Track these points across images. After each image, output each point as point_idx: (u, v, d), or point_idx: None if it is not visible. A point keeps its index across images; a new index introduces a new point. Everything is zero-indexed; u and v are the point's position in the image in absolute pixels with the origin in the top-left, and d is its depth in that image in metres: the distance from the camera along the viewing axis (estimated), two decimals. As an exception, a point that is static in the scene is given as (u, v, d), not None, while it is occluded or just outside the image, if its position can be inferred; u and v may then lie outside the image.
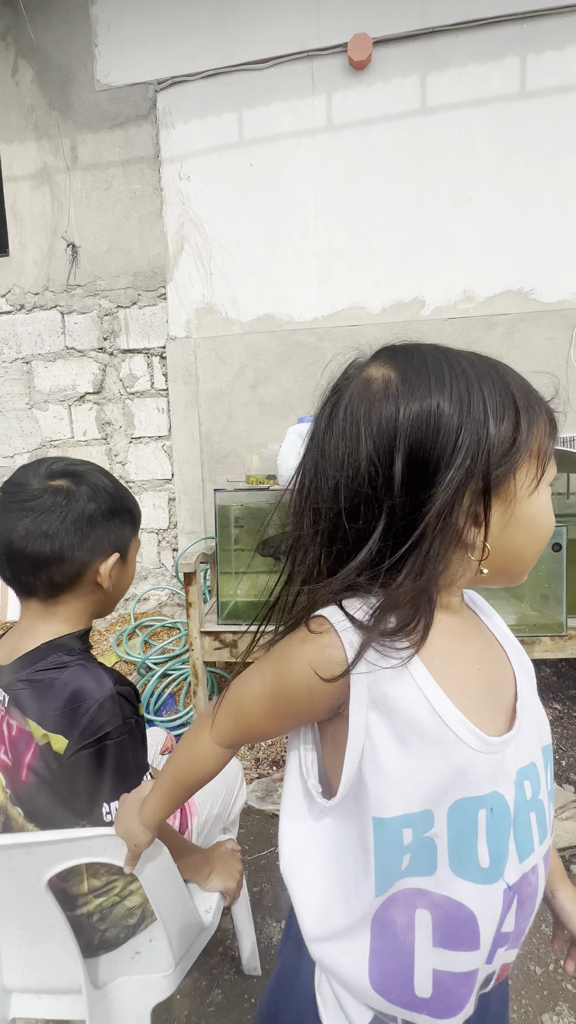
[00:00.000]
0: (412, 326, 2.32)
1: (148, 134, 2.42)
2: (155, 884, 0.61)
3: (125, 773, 0.64)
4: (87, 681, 0.65)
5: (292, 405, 2.43)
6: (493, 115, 2.19)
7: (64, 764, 0.63)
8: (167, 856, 0.61)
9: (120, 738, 0.64)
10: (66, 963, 0.58)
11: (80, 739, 0.62)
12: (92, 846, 0.56)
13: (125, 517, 0.75)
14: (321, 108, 2.28)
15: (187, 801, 0.90)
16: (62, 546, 0.67)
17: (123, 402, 2.64)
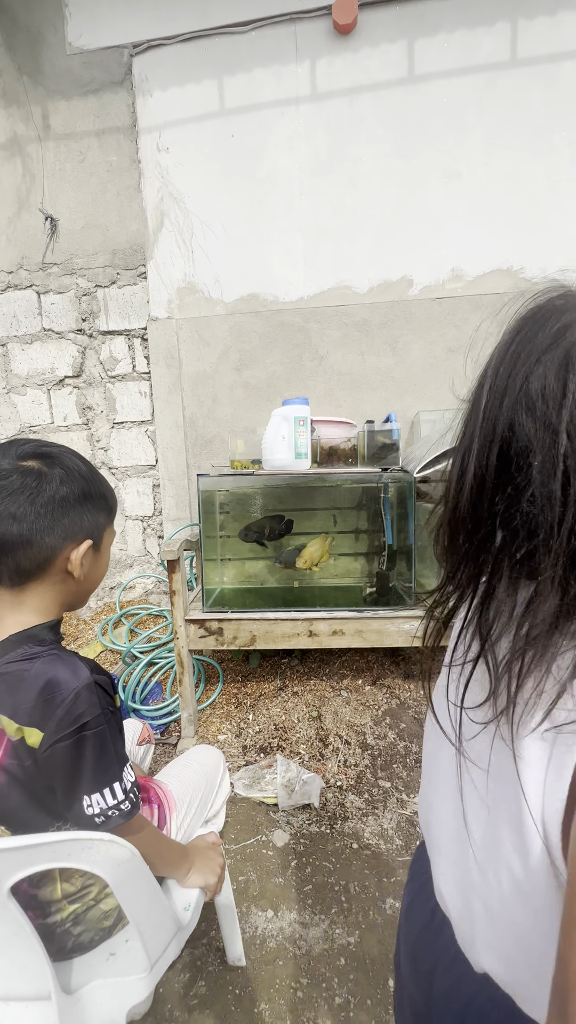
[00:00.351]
0: (400, 306, 2.26)
1: (124, 102, 2.31)
2: (125, 888, 0.58)
3: (105, 764, 0.62)
4: (61, 671, 0.62)
5: (278, 388, 2.38)
6: (483, 84, 2.11)
7: (39, 759, 0.60)
8: (137, 859, 0.58)
9: (99, 728, 0.61)
10: (34, 970, 0.56)
11: (56, 731, 0.59)
12: (55, 851, 0.53)
13: (99, 503, 0.72)
14: (305, 75, 2.18)
15: (166, 795, 0.87)
16: (31, 529, 0.63)
17: (104, 386, 2.56)
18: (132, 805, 0.64)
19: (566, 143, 2.11)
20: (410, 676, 1.96)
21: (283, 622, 1.69)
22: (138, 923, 0.61)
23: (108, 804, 0.62)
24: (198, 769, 0.99)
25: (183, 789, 0.92)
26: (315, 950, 1.04)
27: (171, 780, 0.93)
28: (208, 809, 0.97)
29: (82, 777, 0.61)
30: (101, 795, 0.61)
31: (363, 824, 1.38)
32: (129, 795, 0.64)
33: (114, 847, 0.56)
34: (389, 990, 0.96)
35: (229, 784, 1.09)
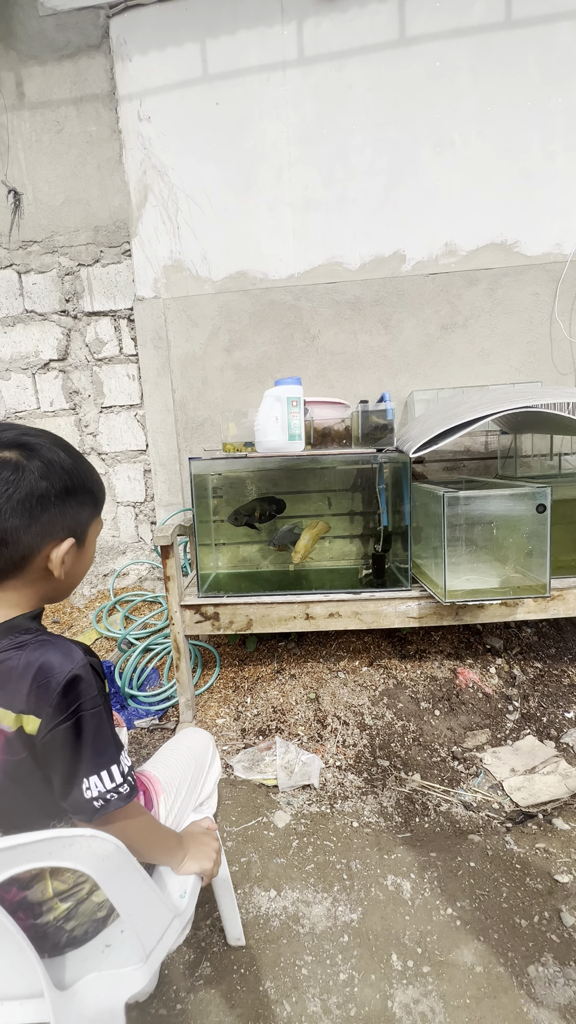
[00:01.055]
0: (392, 283, 2.21)
1: (102, 67, 2.20)
2: (112, 881, 0.57)
3: (103, 746, 0.61)
4: (53, 655, 0.60)
5: (269, 369, 2.33)
6: (476, 48, 2.04)
7: (39, 746, 0.58)
8: (122, 851, 0.56)
9: (95, 709, 0.60)
10: (25, 969, 0.54)
11: (55, 715, 0.58)
12: (35, 851, 0.51)
13: (84, 498, 0.67)
14: (291, 38, 2.08)
15: (151, 782, 0.86)
16: (5, 528, 0.59)
17: (91, 369, 2.49)
18: (131, 788, 0.63)
19: (562, 109, 2.05)
20: (407, 656, 1.97)
21: (279, 605, 1.68)
22: (129, 914, 0.60)
23: (107, 787, 0.61)
24: (186, 752, 0.98)
25: (170, 774, 0.90)
26: (318, 928, 1.05)
27: (157, 767, 0.92)
28: (199, 792, 0.96)
29: (81, 760, 0.59)
30: (99, 777, 0.60)
31: (363, 803, 1.39)
32: (128, 778, 0.63)
33: (96, 842, 0.54)
34: (393, 965, 0.97)
35: (220, 765, 1.08)
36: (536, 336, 2.22)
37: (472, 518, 1.63)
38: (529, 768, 1.48)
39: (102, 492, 0.72)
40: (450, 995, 0.92)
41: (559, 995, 0.91)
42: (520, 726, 1.65)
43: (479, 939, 1.01)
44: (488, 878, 1.14)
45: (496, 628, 2.09)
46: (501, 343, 2.23)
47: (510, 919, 1.05)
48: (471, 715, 1.70)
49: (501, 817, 1.32)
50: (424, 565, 1.80)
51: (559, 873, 1.14)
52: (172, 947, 0.65)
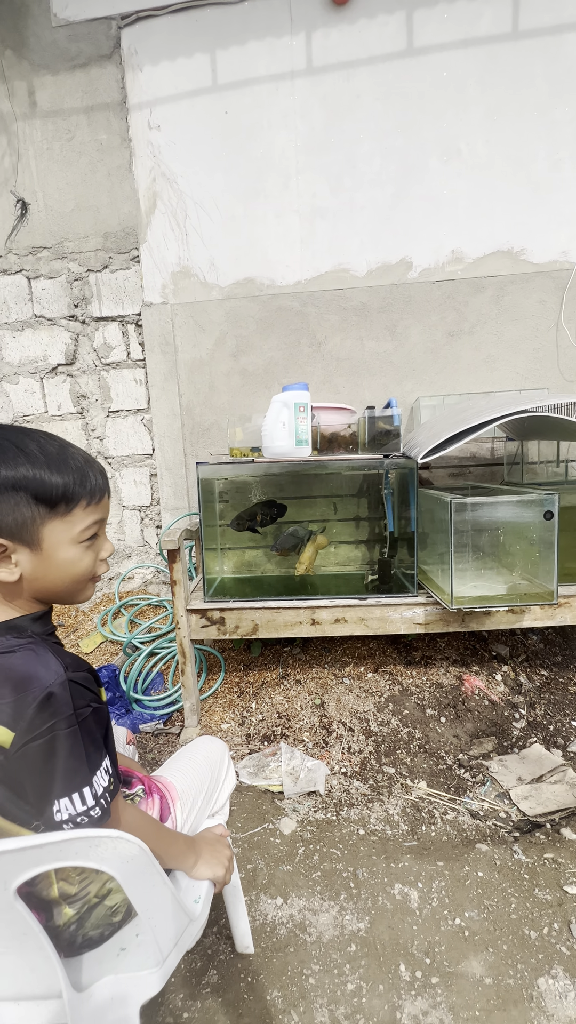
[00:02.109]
0: (399, 289, 2.22)
1: (113, 77, 2.23)
2: (135, 883, 0.57)
3: (75, 767, 0.58)
4: (35, 667, 0.58)
5: (275, 374, 2.34)
6: (484, 58, 2.05)
7: (11, 759, 0.56)
8: (147, 853, 0.56)
9: (69, 729, 0.57)
10: (45, 969, 0.54)
11: (28, 731, 0.56)
12: (63, 850, 0.51)
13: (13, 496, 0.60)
14: (300, 48, 2.11)
15: (168, 788, 0.85)
16: None
17: (98, 374, 2.50)
18: (103, 811, 0.60)
19: (568, 119, 2.06)
20: (412, 663, 1.96)
21: (285, 611, 1.68)
22: (149, 917, 0.60)
23: (77, 810, 0.58)
24: (203, 762, 0.97)
25: (187, 783, 0.90)
26: (325, 937, 1.04)
27: (174, 774, 0.92)
28: (214, 802, 0.96)
29: (54, 780, 0.57)
30: (70, 800, 0.58)
31: (369, 810, 1.38)
32: (100, 800, 0.60)
33: (122, 843, 0.54)
34: (401, 975, 0.96)
35: (234, 776, 1.07)
36: (542, 343, 2.22)
37: (479, 524, 1.63)
38: (536, 777, 1.47)
39: (51, 489, 0.61)
40: (459, 1007, 0.91)
41: (570, 1009, 0.90)
42: (527, 734, 1.64)
43: (488, 950, 1.00)
44: (496, 888, 1.13)
45: (502, 635, 2.09)
46: (507, 350, 2.24)
47: (519, 930, 1.04)
48: (477, 722, 1.69)
49: (508, 826, 1.31)
50: (430, 571, 1.80)
51: (569, 884, 1.13)
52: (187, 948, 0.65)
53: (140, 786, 0.85)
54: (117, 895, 0.68)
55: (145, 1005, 0.70)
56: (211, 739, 1.08)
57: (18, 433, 0.62)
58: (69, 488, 0.63)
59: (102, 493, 0.67)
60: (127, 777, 0.86)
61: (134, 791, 0.84)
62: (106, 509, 0.69)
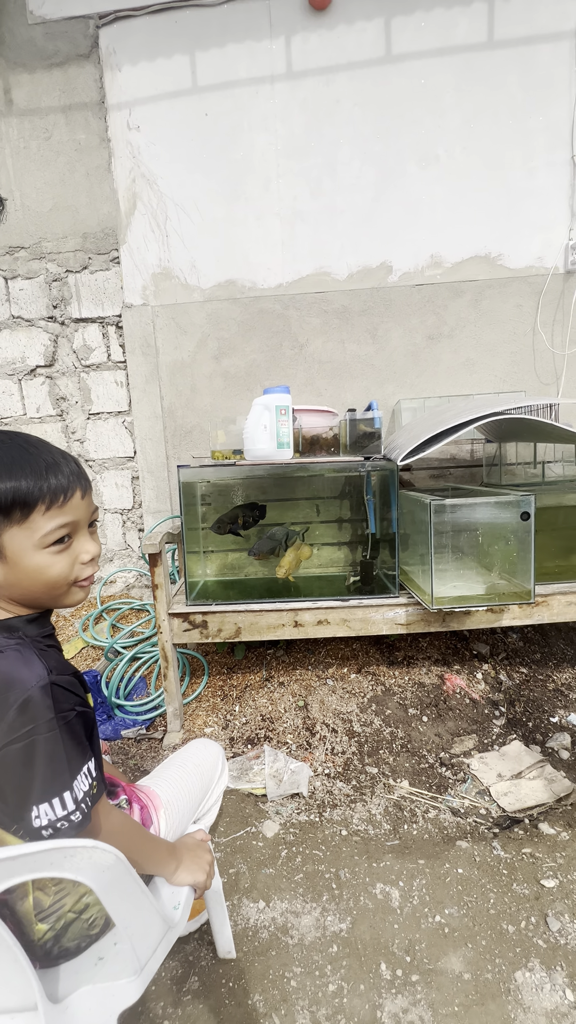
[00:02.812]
0: (379, 293, 2.25)
1: (91, 76, 2.21)
2: (111, 893, 0.56)
3: (55, 772, 0.57)
4: (18, 669, 0.58)
5: (258, 377, 2.34)
6: (460, 66, 2.09)
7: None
8: (123, 862, 0.56)
9: (50, 733, 0.57)
10: (19, 982, 0.53)
11: (7, 735, 0.55)
12: (37, 861, 0.50)
13: None
14: (280, 52, 2.12)
15: (151, 797, 0.85)
16: None
17: (78, 375, 2.47)
18: (83, 816, 0.59)
19: (543, 127, 2.11)
20: (395, 663, 1.98)
21: (268, 613, 1.68)
22: (126, 926, 0.59)
23: (57, 815, 0.57)
24: (192, 771, 0.96)
25: (174, 793, 0.89)
26: (307, 939, 1.04)
27: (161, 784, 0.91)
28: (203, 808, 0.95)
29: (33, 785, 0.56)
30: (50, 805, 0.57)
31: (352, 810, 1.39)
32: (80, 805, 0.59)
33: (97, 852, 0.53)
34: (382, 974, 0.97)
35: (227, 781, 1.07)
36: (519, 347, 2.26)
37: (458, 525, 1.66)
38: (515, 773, 1.50)
39: (19, 494, 0.60)
40: (439, 1003, 0.92)
41: (546, 1000, 0.92)
42: (506, 731, 1.67)
43: (467, 946, 1.02)
44: (476, 884, 1.15)
45: (483, 634, 2.12)
46: (486, 353, 2.28)
47: (498, 925, 1.06)
48: (458, 721, 1.72)
49: (488, 823, 1.33)
50: (411, 572, 1.82)
51: (545, 878, 1.15)
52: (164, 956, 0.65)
53: (124, 796, 0.85)
54: (94, 908, 0.67)
55: (125, 1014, 0.70)
56: (205, 743, 1.07)
57: None
58: (21, 493, 0.60)
59: (67, 494, 0.63)
60: (112, 786, 0.85)
61: (117, 801, 0.84)
62: (78, 511, 0.65)
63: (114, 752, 1.69)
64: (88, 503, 0.67)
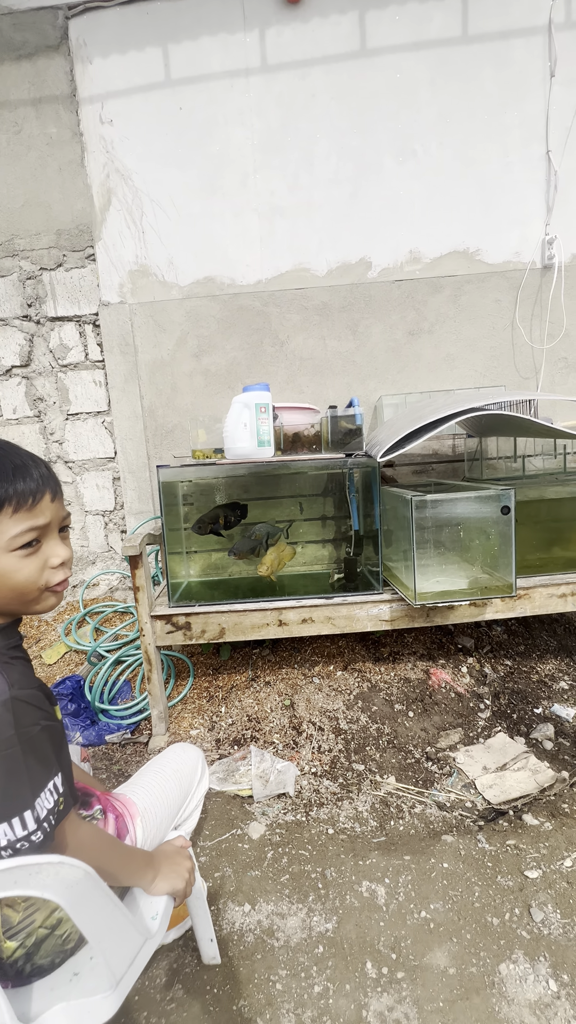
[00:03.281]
0: (359, 289, 2.24)
1: (61, 69, 2.16)
2: (81, 909, 0.55)
3: (14, 791, 0.56)
4: None
5: (239, 374, 2.32)
6: (435, 61, 2.09)
7: None
8: (91, 877, 0.54)
9: (9, 751, 0.55)
10: (-15, 1004, 0.52)
11: None
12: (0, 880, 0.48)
13: None
14: (254, 45, 2.09)
15: (126, 806, 0.83)
16: None
17: (55, 375, 2.43)
18: (45, 835, 0.57)
19: (517, 123, 2.12)
20: (380, 659, 1.98)
21: (252, 613, 1.66)
22: (98, 941, 0.58)
23: (16, 836, 0.55)
24: (171, 776, 0.95)
25: (151, 800, 0.88)
26: (293, 940, 1.04)
27: (137, 791, 0.89)
28: (181, 814, 0.94)
29: None
30: (9, 825, 0.55)
31: (338, 808, 1.38)
32: (43, 824, 0.57)
33: (64, 868, 0.52)
34: (367, 973, 0.97)
35: (207, 784, 1.05)
36: (499, 341, 2.28)
37: (440, 521, 1.66)
38: (500, 765, 1.51)
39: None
40: (424, 999, 0.92)
41: (529, 991, 0.92)
42: (491, 724, 1.68)
43: (452, 940, 1.02)
44: (461, 878, 1.15)
45: (467, 628, 2.13)
46: (466, 348, 2.29)
47: (482, 918, 1.06)
48: (444, 715, 1.72)
49: (474, 816, 1.34)
50: (395, 568, 1.82)
51: (529, 869, 1.16)
52: (142, 968, 0.63)
53: (98, 806, 0.83)
54: (68, 923, 0.65)
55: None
56: (184, 747, 1.05)
57: None
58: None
59: (35, 497, 0.62)
60: (85, 796, 0.83)
61: (92, 811, 0.82)
62: (47, 514, 0.64)
63: (98, 758, 1.67)
64: (58, 507, 0.66)
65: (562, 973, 0.95)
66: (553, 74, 2.08)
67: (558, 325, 2.24)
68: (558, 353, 2.27)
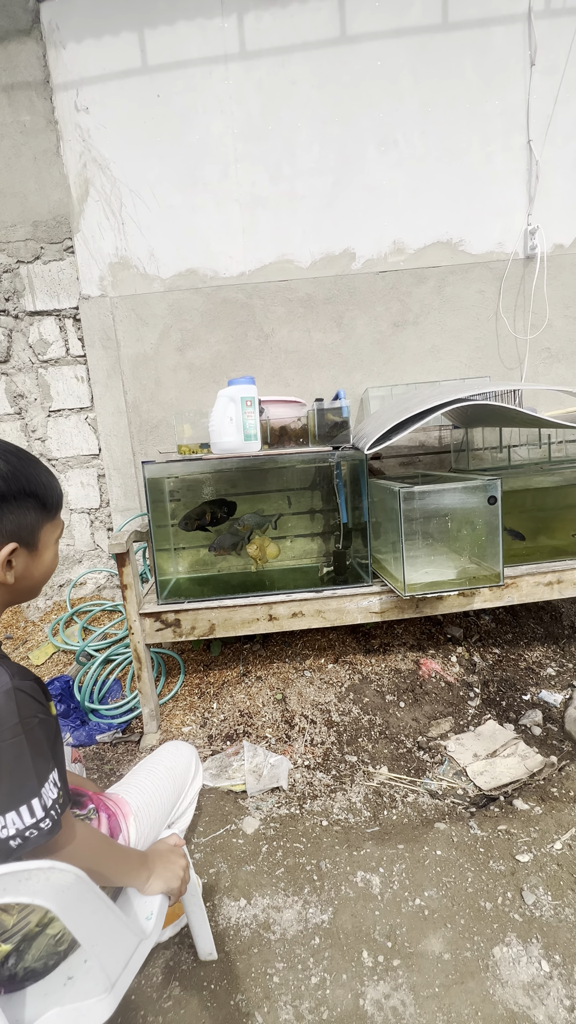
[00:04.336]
0: (344, 280, 2.22)
1: (34, 54, 2.09)
2: (72, 913, 0.54)
3: (21, 780, 0.56)
4: None
5: (224, 368, 2.29)
6: (415, 48, 2.07)
7: None
8: (83, 881, 0.53)
9: (14, 739, 0.56)
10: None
11: None
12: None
13: (25, 502, 0.65)
14: (232, 31, 2.05)
15: (119, 805, 0.82)
16: None
17: (36, 371, 2.37)
18: (53, 823, 0.58)
19: (498, 112, 2.11)
20: (371, 651, 1.99)
21: (242, 608, 1.66)
22: (92, 945, 0.57)
23: (25, 824, 0.56)
24: (164, 774, 0.94)
25: (144, 798, 0.87)
26: (289, 933, 1.04)
27: (130, 790, 0.88)
28: (175, 812, 0.93)
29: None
30: (17, 814, 0.56)
31: (332, 800, 1.39)
32: (50, 812, 0.58)
33: (55, 873, 0.51)
34: (363, 962, 0.98)
35: (201, 781, 1.04)
36: (483, 332, 2.28)
37: (427, 512, 1.67)
38: (491, 752, 1.53)
39: (52, 494, 0.70)
40: (420, 986, 0.93)
41: (523, 973, 0.94)
42: (481, 711, 1.70)
43: (447, 926, 1.03)
44: (454, 865, 1.17)
45: (456, 617, 2.15)
46: (450, 339, 2.29)
47: (475, 903, 1.07)
48: (435, 704, 1.74)
49: (466, 802, 1.36)
50: (384, 560, 1.83)
51: (520, 853, 1.18)
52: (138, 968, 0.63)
53: (91, 806, 0.82)
54: (59, 922, 0.65)
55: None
56: (177, 745, 1.05)
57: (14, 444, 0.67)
58: (58, 492, 0.71)
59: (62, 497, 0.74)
60: (78, 796, 0.82)
61: (85, 811, 0.80)
62: None
63: (89, 758, 1.65)
64: None
65: (554, 954, 0.96)
66: (533, 63, 2.07)
67: (541, 315, 2.25)
68: (541, 343, 2.28)
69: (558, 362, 2.31)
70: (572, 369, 2.32)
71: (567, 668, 1.87)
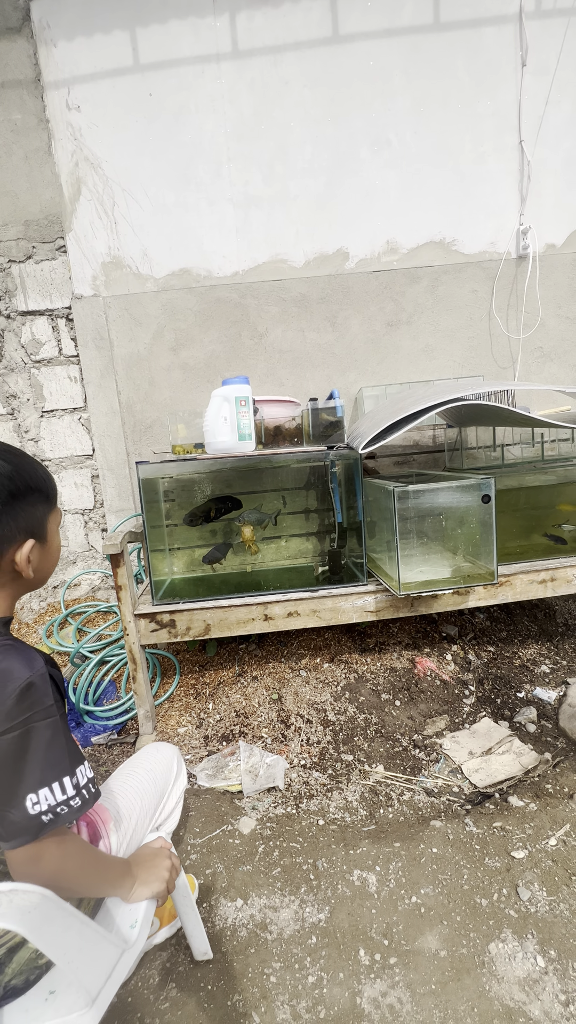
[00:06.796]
0: (337, 280, 2.22)
1: (24, 52, 2.08)
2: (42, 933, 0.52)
3: (55, 758, 0.60)
4: (14, 661, 0.61)
5: (218, 368, 2.29)
6: (408, 48, 2.07)
7: None
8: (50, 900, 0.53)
9: (50, 719, 0.60)
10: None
11: (5, 721, 0.57)
12: None
13: (32, 498, 0.68)
14: (225, 30, 2.05)
15: (99, 813, 0.81)
16: None
17: (28, 372, 2.36)
18: (83, 801, 0.62)
19: (490, 112, 2.12)
20: (367, 650, 1.99)
21: (237, 608, 1.65)
22: (68, 962, 0.56)
23: (57, 800, 0.59)
24: (144, 776, 0.93)
25: (124, 804, 0.86)
26: (286, 932, 1.04)
27: (108, 796, 0.87)
28: (159, 815, 0.92)
29: (26, 772, 0.57)
30: (50, 790, 0.58)
31: (328, 799, 1.39)
32: (82, 791, 0.62)
33: (18, 895, 0.50)
34: (360, 960, 0.98)
35: (185, 781, 1.04)
36: (476, 332, 2.29)
37: (422, 511, 1.67)
38: (486, 749, 1.54)
39: (51, 486, 0.73)
40: (417, 983, 0.93)
41: (518, 969, 0.94)
42: (476, 709, 1.71)
43: (443, 923, 1.04)
44: (450, 862, 1.17)
45: (451, 616, 2.16)
46: (444, 339, 2.30)
47: (471, 900, 1.08)
48: (430, 703, 1.74)
49: (461, 800, 1.36)
50: (379, 559, 1.83)
51: (515, 849, 1.18)
52: (124, 978, 0.62)
53: None
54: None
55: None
56: (157, 746, 1.04)
57: (6, 443, 0.69)
58: (54, 481, 0.74)
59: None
60: None
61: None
62: None
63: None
64: None
65: (549, 949, 0.97)
66: (524, 63, 2.08)
67: (533, 315, 2.26)
68: (534, 343, 2.30)
69: (550, 361, 2.32)
70: (564, 368, 2.33)
71: (561, 665, 1.88)
